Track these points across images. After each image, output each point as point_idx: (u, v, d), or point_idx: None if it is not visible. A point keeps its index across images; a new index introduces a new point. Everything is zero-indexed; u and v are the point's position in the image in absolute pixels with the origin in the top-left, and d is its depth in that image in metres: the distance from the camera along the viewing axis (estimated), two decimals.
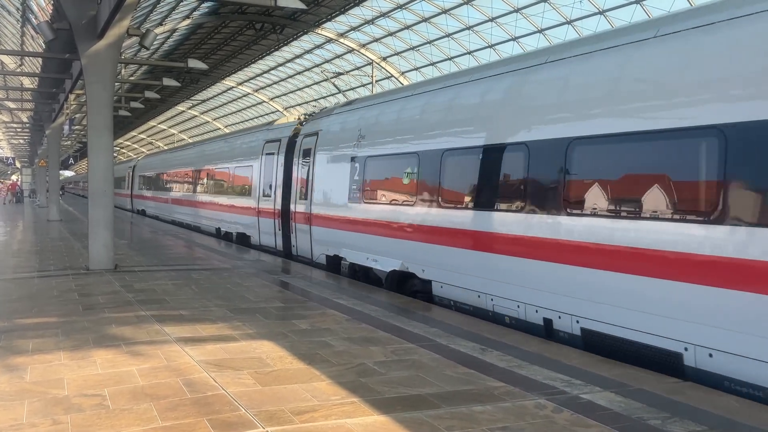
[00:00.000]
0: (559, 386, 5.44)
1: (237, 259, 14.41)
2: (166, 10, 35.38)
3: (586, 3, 30.55)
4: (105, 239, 12.59)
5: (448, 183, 9.34)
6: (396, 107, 11.16)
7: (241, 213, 18.81)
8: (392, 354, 6.44)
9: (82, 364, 5.99)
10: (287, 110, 61.41)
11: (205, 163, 23.79)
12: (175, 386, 5.33)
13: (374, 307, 8.91)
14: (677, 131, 6.07)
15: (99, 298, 9.43)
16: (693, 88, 6.03)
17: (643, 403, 5.03)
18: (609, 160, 6.75)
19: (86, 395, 5.09)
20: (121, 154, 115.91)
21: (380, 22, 41.00)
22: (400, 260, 10.33)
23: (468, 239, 8.80)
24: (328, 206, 12.95)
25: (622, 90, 6.75)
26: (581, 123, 7.13)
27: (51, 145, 32.13)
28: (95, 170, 12.74)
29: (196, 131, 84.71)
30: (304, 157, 14.29)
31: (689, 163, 5.97)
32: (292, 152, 15.25)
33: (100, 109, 12.74)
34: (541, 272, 7.52)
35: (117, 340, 6.92)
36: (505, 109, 8.48)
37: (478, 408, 4.89)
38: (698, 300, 5.79)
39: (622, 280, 6.51)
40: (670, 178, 6.13)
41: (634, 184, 6.49)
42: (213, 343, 6.79)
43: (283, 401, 4.98)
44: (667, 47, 6.41)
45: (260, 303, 9.11)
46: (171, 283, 10.89)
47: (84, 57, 12.75)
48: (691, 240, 5.87)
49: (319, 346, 6.70)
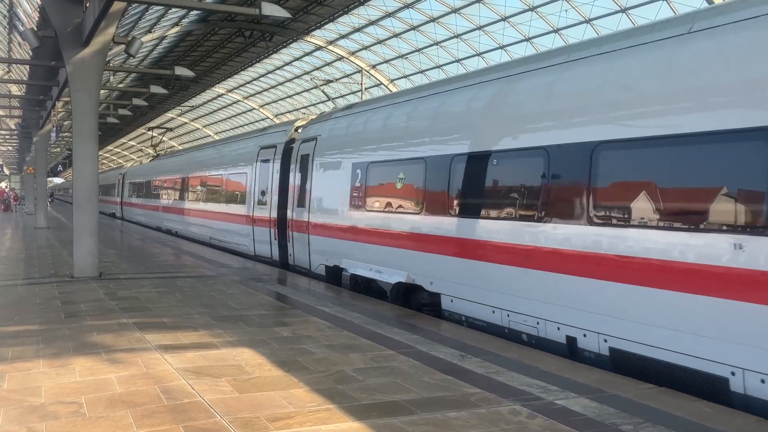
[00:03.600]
0: (535, 392, 5.49)
1: (222, 267, 14.41)
2: (155, 17, 35.40)
3: (572, 12, 30.76)
4: (90, 247, 12.56)
5: (457, 190, 8.84)
6: (403, 110, 10.63)
7: (234, 222, 18.36)
8: (371, 361, 6.48)
9: (61, 371, 5.99)
10: (277, 117, 61.42)
11: (197, 170, 23.28)
12: (152, 394, 5.34)
13: (357, 314, 8.94)
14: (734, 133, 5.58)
15: (82, 305, 9.42)
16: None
17: (616, 409, 5.08)
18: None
19: (63, 403, 5.09)
20: (111, 161, 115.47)
21: (369, 30, 41.16)
22: (405, 272, 9.83)
23: (482, 250, 8.28)
24: (327, 214, 12.41)
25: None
26: (607, 126, 6.75)
27: (38, 152, 32.02)
28: (80, 177, 12.72)
29: (186, 138, 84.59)
30: (301, 164, 13.84)
31: (742, 172, 5.48)
32: (288, 158, 14.87)
33: (86, 117, 12.73)
34: (566, 286, 7.01)
35: (97, 347, 6.92)
36: (526, 112, 7.95)
37: (453, 414, 4.93)
38: (750, 319, 5.27)
39: (657, 296, 6.03)
40: (714, 187, 5.67)
41: (685, 193, 5.93)
42: (193, 351, 6.80)
43: (260, 408, 5.00)
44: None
45: (243, 311, 9.12)
46: (155, 290, 10.88)
47: (69, 64, 12.75)
48: (742, 255, 5.37)
49: (299, 354, 6.72)
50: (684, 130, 5.95)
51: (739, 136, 5.49)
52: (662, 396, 5.44)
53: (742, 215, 5.43)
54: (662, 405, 5.20)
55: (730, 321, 5.42)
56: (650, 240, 6.11)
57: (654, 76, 6.37)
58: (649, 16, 28.53)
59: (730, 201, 5.54)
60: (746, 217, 5.40)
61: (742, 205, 5.44)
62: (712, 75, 5.82)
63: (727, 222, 5.52)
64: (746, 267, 5.31)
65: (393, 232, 10.17)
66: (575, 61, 7.55)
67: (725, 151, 5.60)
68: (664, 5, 28.16)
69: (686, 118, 5.96)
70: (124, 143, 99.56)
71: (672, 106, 6.11)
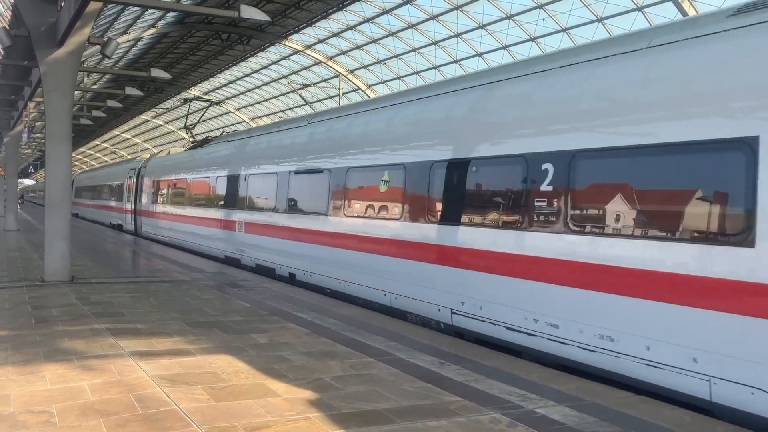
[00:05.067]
0: (515, 400, 5.46)
1: (197, 272, 14.22)
2: (131, 18, 34.97)
3: (549, 21, 31.03)
4: (62, 250, 12.32)
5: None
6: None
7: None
8: (350, 368, 6.41)
9: (31, 379, 5.83)
10: (254, 120, 61.06)
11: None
12: (126, 402, 5.22)
13: (335, 320, 8.87)
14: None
15: (53, 310, 9.21)
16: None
17: (596, 417, 5.08)
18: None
19: (33, 412, 4.95)
20: (83, 163, 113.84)
21: (347, 35, 41.09)
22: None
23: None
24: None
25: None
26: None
27: (9, 153, 31.43)
28: (53, 180, 12.49)
29: (160, 140, 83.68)
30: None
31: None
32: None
33: (59, 118, 12.51)
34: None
35: (69, 354, 6.76)
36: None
37: (433, 423, 4.88)
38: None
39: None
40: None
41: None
42: (168, 358, 6.67)
43: (237, 417, 4.91)
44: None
45: (219, 316, 8.99)
46: (128, 295, 10.70)
47: (43, 64, 12.52)
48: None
49: (277, 361, 6.63)
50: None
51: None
52: (641, 404, 5.44)
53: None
54: (641, 413, 5.20)
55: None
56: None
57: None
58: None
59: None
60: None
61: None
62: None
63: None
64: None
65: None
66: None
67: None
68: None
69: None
70: (98, 145, 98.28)
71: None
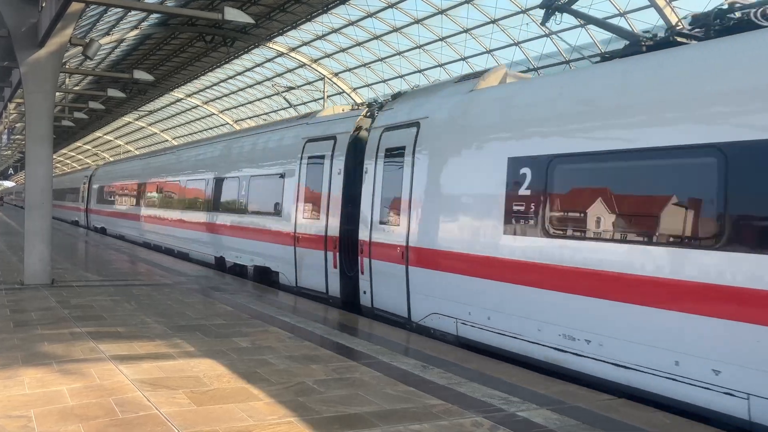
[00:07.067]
0: (497, 404, 5.47)
1: (179, 275, 14.13)
2: (114, 20, 34.76)
3: (532, 25, 31.20)
4: (41, 253, 12.19)
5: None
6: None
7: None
8: (333, 372, 6.39)
9: (9, 383, 5.75)
10: (237, 123, 60.82)
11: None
12: (106, 406, 5.17)
13: (318, 324, 8.84)
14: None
15: (32, 314, 9.11)
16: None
17: (578, 420, 5.10)
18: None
19: (10, 417, 4.88)
20: (65, 165, 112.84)
21: (332, 38, 41.08)
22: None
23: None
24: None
25: None
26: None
27: None
28: (33, 181, 12.36)
29: (143, 143, 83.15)
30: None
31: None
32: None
33: (40, 119, 12.39)
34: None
35: (48, 358, 6.68)
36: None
37: (415, 427, 4.87)
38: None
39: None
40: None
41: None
42: (149, 362, 6.61)
43: (218, 421, 4.88)
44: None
45: (201, 320, 8.93)
46: (110, 298, 10.60)
47: (23, 65, 12.40)
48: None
49: (259, 365, 6.60)
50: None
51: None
52: (622, 407, 5.48)
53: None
54: (623, 416, 5.24)
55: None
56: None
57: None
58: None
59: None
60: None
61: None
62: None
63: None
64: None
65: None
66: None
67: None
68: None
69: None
70: (80, 147, 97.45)
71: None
